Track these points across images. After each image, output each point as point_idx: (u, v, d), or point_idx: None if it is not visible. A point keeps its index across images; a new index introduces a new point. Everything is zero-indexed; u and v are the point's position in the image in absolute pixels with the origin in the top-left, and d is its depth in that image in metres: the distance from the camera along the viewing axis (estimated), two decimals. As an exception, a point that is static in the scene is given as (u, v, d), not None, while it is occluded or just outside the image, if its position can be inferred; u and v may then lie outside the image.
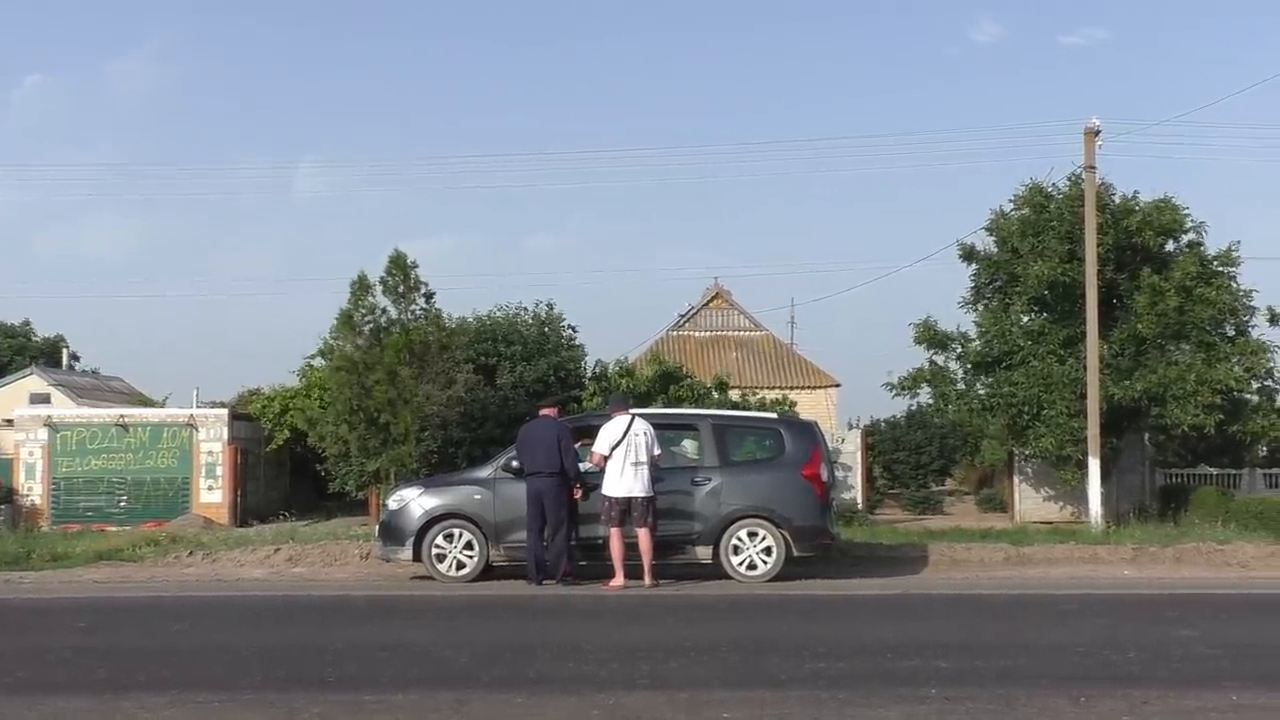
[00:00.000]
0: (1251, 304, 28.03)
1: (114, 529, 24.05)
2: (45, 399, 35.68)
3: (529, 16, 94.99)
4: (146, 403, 38.04)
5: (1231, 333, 28.12)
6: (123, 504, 29.32)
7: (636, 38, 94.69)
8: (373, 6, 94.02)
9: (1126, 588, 14.51)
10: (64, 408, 34.07)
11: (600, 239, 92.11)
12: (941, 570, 16.15)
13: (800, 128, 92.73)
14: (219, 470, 29.70)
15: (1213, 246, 28.37)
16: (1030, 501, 31.52)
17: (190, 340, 78.74)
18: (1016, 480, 32.08)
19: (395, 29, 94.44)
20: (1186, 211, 28.02)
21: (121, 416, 30.79)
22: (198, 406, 32.25)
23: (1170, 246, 28.56)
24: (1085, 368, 25.74)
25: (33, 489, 29.36)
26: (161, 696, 7.77)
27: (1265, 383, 28.34)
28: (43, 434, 29.62)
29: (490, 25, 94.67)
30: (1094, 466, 25.34)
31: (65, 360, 45.31)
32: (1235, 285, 27.94)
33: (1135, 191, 28.43)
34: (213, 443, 29.88)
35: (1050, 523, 27.89)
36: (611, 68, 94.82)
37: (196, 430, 29.95)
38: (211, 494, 29.61)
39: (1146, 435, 30.57)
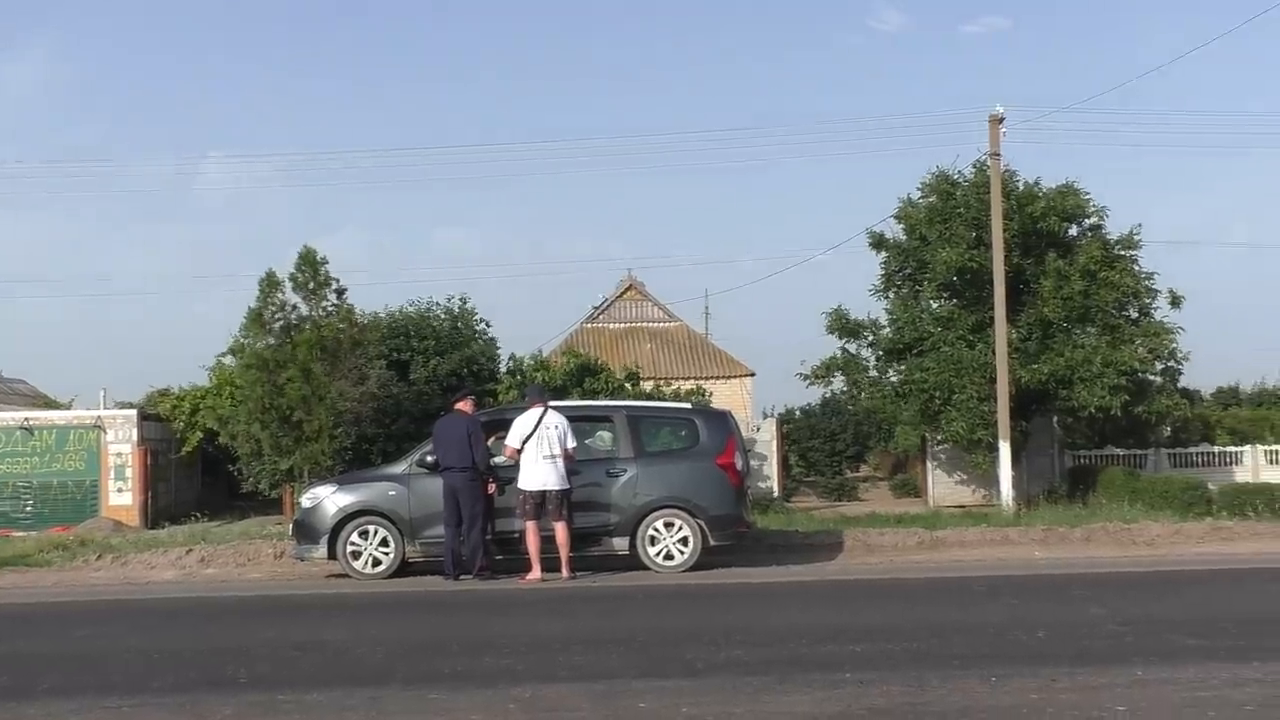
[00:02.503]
0: (1154, 287, 28.56)
1: (20, 534, 23.52)
2: (-54, 403, 34.87)
3: (437, 8, 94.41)
4: (52, 405, 37.28)
5: (1135, 315, 28.63)
6: (29, 508, 28.71)
7: (540, 24, 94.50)
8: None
9: (1037, 569, 14.76)
10: (-34, 412, 33.28)
11: (509, 232, 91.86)
12: (857, 556, 16.33)
13: (708, 117, 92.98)
14: (128, 472, 29.20)
15: (1115, 231, 28.95)
16: (943, 486, 31.91)
17: (95, 341, 77.30)
18: (929, 465, 32.47)
19: (291, 21, 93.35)
20: (1089, 197, 28.55)
21: (26, 419, 30.14)
22: (105, 408, 31.67)
23: (1074, 231, 29.08)
24: (994, 352, 26.10)
25: (-65, 495, 28.68)
26: (69, 702, 7.63)
27: (1168, 364, 28.91)
28: (-56, 439, 28.93)
29: (387, 13, 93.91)
30: (1004, 450, 25.72)
31: (-34, 363, 44.21)
32: (1138, 269, 28.48)
33: (1039, 178, 28.90)
34: (121, 444, 29.36)
35: (963, 506, 28.27)
36: (515, 56, 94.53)
37: (104, 432, 29.41)
38: (121, 496, 29.10)
39: (1055, 418, 31.09)
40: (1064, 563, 15.19)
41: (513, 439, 14.07)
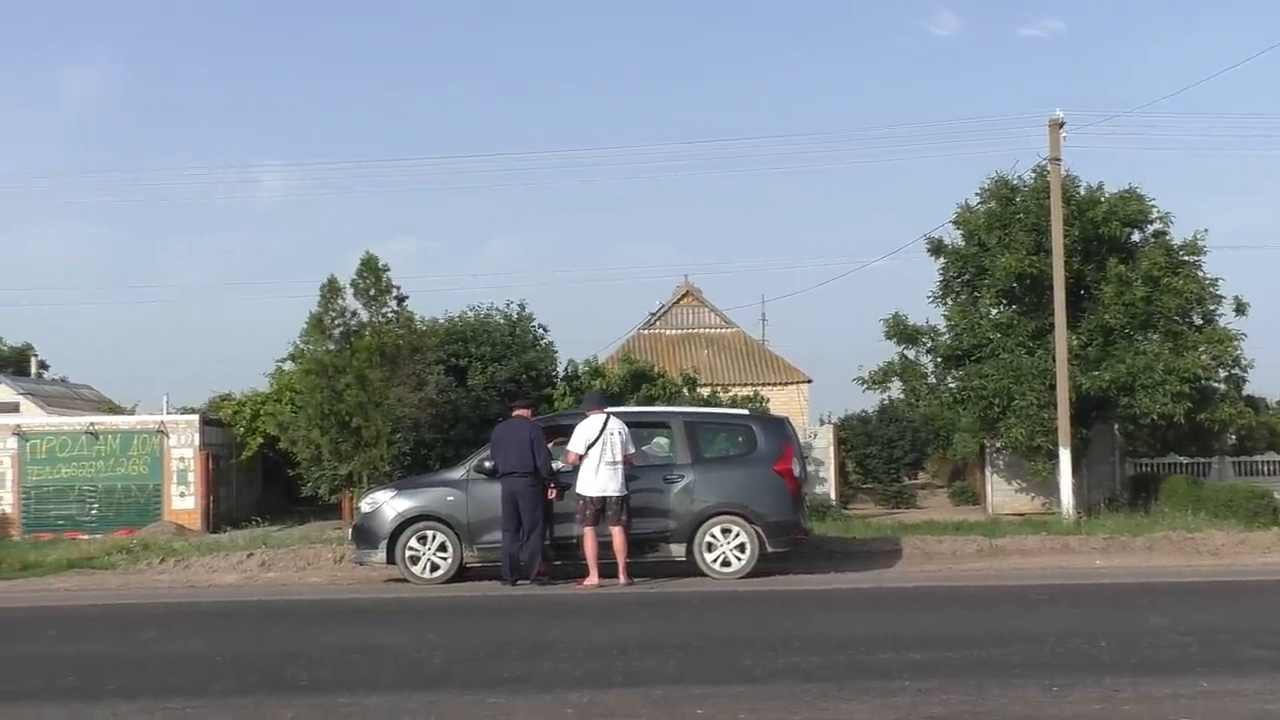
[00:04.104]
0: (1218, 293, 28.24)
1: (85, 537, 23.88)
2: (14, 408, 35.44)
3: (489, 14, 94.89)
4: (116, 410, 37.82)
5: (1199, 322, 28.33)
6: (94, 512, 29.14)
7: (598, 35, 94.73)
8: (327, 8, 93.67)
9: (1098, 577, 14.58)
10: (33, 416, 33.85)
11: (567, 239, 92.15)
12: (915, 563, 16.22)
13: (764, 122, 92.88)
14: (190, 476, 29.56)
15: (1179, 236, 28.65)
16: (1002, 493, 31.66)
17: (158, 347, 78.30)
18: (988, 472, 32.23)
19: (350, 30, 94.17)
20: (1152, 202, 28.29)
21: (91, 424, 30.61)
22: (168, 413, 32.07)
23: (1136, 237, 28.79)
24: (1054, 359, 25.88)
25: (3, 498, 29.18)
26: (133, 704, 7.73)
27: (1232, 371, 28.60)
28: (12, 443, 29.42)
29: (447, 23, 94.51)
30: (1065, 457, 25.47)
31: (34, 369, 44.95)
32: (1202, 274, 28.15)
33: (1100, 183, 28.65)
34: (184, 449, 29.73)
35: (1022, 514, 28.02)
36: (573, 65, 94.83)
37: (167, 437, 29.79)
38: (183, 500, 29.47)
39: (1116, 425, 30.76)
40: (1126, 571, 15.00)
41: (577, 444, 14.08)
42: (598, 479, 13.95)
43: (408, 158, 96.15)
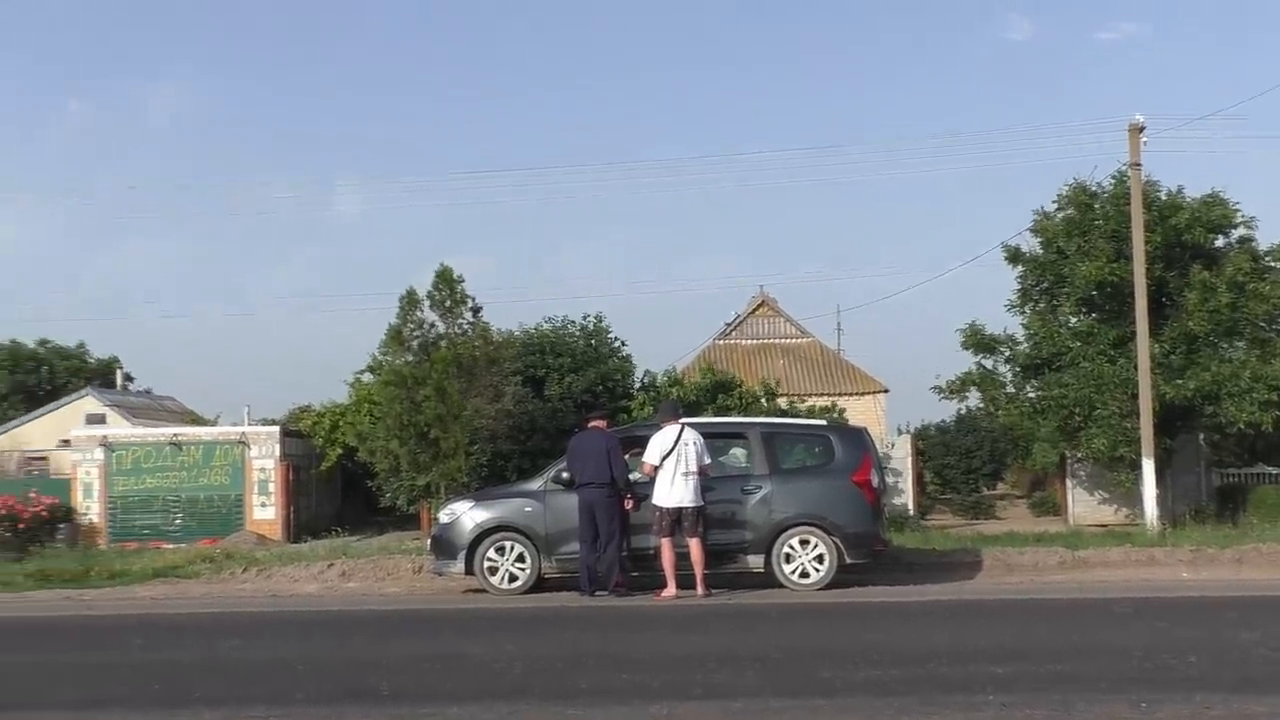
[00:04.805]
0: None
1: (169, 546, 24.28)
2: (101, 419, 36.11)
3: (557, 29, 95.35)
4: (199, 421, 38.44)
5: (1287, 328, 27.78)
6: (177, 521, 29.62)
7: (670, 46, 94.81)
8: (402, 24, 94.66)
9: (1185, 590, 14.31)
10: (119, 427, 34.44)
11: (642, 250, 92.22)
12: (995, 575, 16.03)
13: (837, 132, 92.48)
14: (271, 487, 29.94)
15: (1265, 242, 28.13)
16: (1084, 504, 31.23)
17: (240, 359, 79.43)
18: (1069, 483, 31.81)
19: (425, 44, 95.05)
20: (1236, 206, 27.81)
21: (175, 435, 31.13)
22: (249, 424, 32.52)
23: (1220, 243, 28.29)
24: (1136, 367, 25.48)
25: (90, 508, 29.71)
26: (216, 711, 7.82)
27: (1323, 378, 27.93)
28: (99, 454, 29.98)
29: (519, 39, 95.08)
30: (1148, 467, 25.06)
31: (119, 381, 45.79)
32: (1290, 280, 27.59)
33: (1181, 187, 28.21)
34: (265, 460, 30.13)
35: (1105, 525, 27.61)
36: (646, 75, 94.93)
37: (248, 448, 30.20)
38: (264, 510, 29.85)
39: (1201, 435, 30.23)
40: (1214, 585, 14.70)
41: (651, 455, 14.08)
42: (673, 490, 13.93)
43: (487, 169, 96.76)
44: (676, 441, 14.00)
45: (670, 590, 13.86)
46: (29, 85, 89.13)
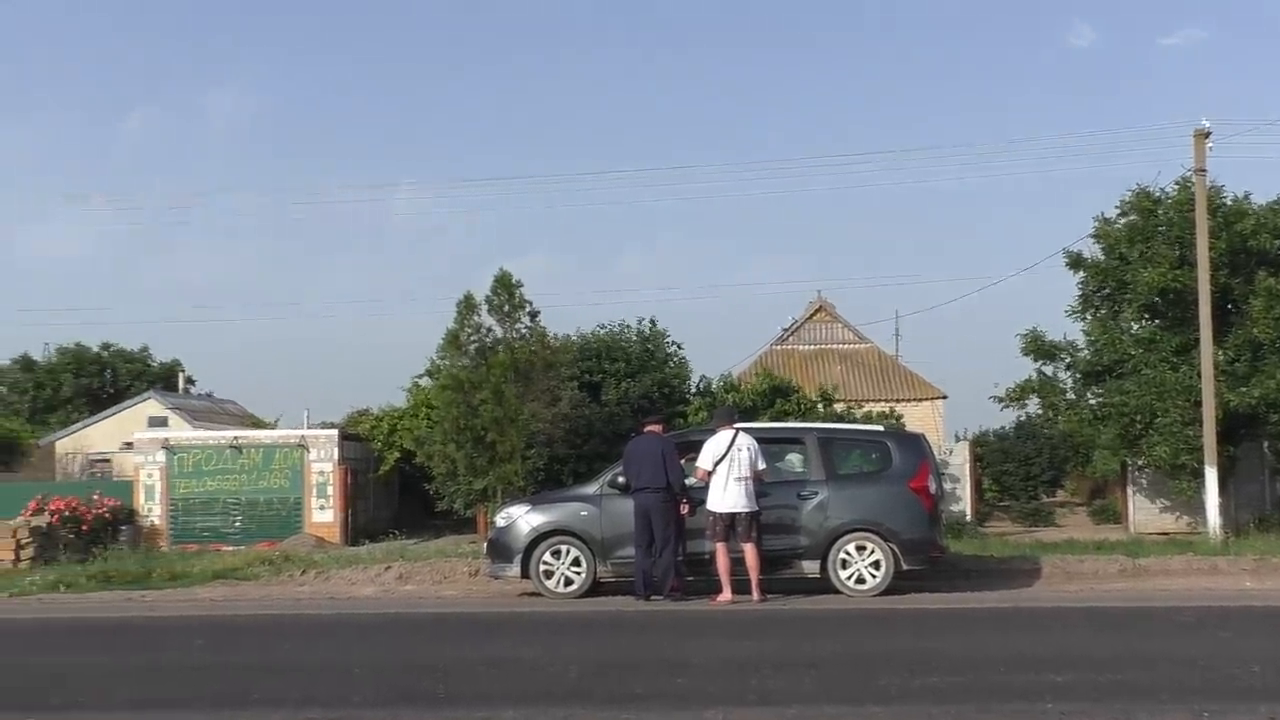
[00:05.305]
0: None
1: (229, 548, 24.51)
2: (163, 422, 36.60)
3: (614, 35, 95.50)
4: (259, 425, 38.84)
5: (1355, 336, 27.25)
6: (237, 524, 29.92)
7: (729, 53, 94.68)
8: (459, 29, 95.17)
9: (1248, 600, 14.08)
10: (181, 430, 34.91)
11: (699, 255, 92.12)
12: (1055, 583, 15.87)
13: (897, 138, 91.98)
14: (330, 490, 30.18)
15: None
16: (1144, 512, 30.82)
17: (298, 364, 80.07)
18: (1130, 491, 31.41)
19: (481, 51, 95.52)
20: (1305, 212, 27.30)
21: (235, 438, 31.44)
22: (308, 428, 32.80)
23: (1287, 249, 27.82)
24: (1200, 375, 25.15)
25: (152, 510, 30.08)
26: (276, 713, 7.90)
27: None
28: (161, 456, 30.34)
29: (578, 44, 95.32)
30: (1211, 475, 24.72)
31: (181, 384, 46.29)
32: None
33: (1247, 193, 27.81)
34: (323, 463, 30.37)
35: (1166, 534, 27.23)
36: (704, 83, 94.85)
37: (307, 451, 30.46)
38: (323, 513, 30.08)
39: (1266, 443, 29.77)
40: (1278, 594, 14.48)
41: (705, 460, 14.08)
42: (727, 495, 13.92)
43: (543, 175, 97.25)
44: (730, 446, 13.98)
45: (726, 595, 13.84)
46: (93, 95, 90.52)
